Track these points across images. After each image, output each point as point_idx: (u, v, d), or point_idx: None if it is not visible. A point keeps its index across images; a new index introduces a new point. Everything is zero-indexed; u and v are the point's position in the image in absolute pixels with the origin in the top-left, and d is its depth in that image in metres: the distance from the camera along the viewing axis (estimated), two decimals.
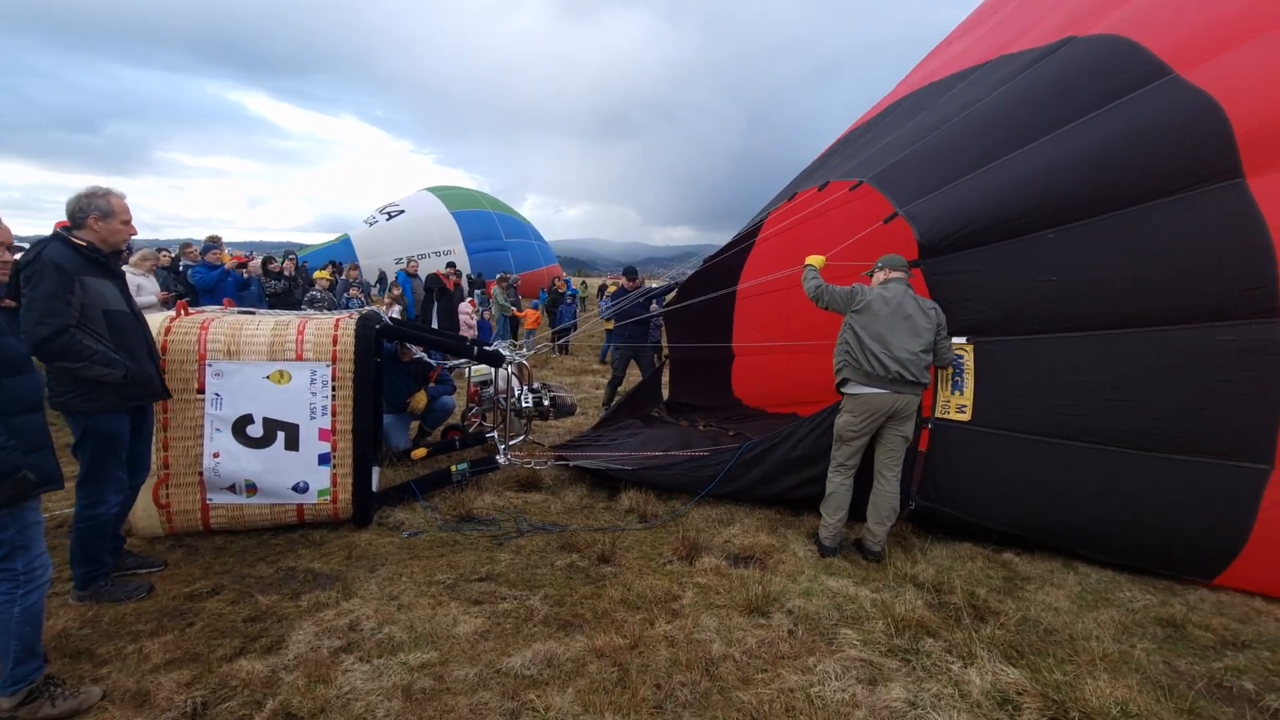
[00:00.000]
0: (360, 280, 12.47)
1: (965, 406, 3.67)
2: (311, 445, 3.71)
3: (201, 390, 3.55)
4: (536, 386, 5.55)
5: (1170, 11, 3.84)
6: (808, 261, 4.06)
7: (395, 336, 4.97)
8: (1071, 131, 3.65)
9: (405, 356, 5.39)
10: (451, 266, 12.73)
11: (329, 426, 3.74)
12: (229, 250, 8.73)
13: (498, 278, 13.34)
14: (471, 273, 18.04)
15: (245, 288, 7.13)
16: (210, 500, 3.61)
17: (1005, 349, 3.63)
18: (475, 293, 13.42)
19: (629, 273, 8.18)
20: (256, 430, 3.63)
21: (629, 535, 3.96)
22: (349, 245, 19.98)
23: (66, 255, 2.75)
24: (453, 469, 4.50)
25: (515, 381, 5.47)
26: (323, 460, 3.74)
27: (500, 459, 4.79)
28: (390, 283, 13.67)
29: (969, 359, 3.66)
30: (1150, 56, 3.61)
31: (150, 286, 5.83)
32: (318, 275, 9.31)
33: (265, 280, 8.35)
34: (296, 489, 3.72)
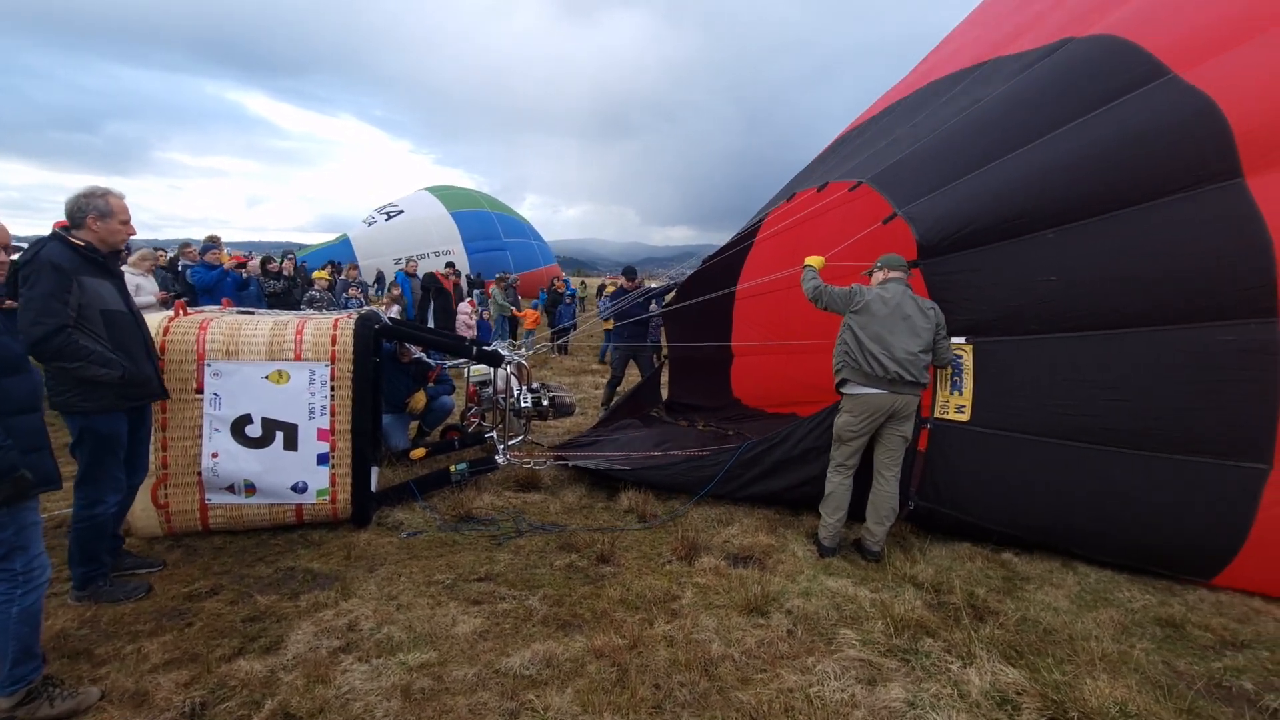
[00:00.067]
0: (359, 280, 12.46)
1: (964, 407, 3.67)
2: (310, 445, 3.71)
3: (200, 390, 3.54)
4: (535, 386, 5.55)
5: (1168, 12, 3.85)
6: (807, 262, 4.05)
7: (394, 336, 4.97)
8: (1070, 132, 3.65)
9: (404, 356, 5.39)
10: (451, 266, 12.73)
11: (328, 426, 3.74)
12: (228, 250, 8.73)
13: (496, 278, 13.34)
14: (471, 273, 18.03)
15: (244, 288, 7.13)
16: (209, 500, 3.61)
17: (1004, 349, 3.63)
18: (474, 293, 13.42)
19: (628, 273, 8.18)
20: (255, 430, 3.62)
21: (628, 535, 3.96)
22: (348, 245, 19.96)
23: (64, 255, 2.75)
24: (452, 469, 4.49)
25: (514, 381, 5.47)
26: (321, 460, 3.74)
27: (499, 459, 4.79)
28: (390, 283, 13.66)
29: (968, 359, 3.66)
30: (1148, 57, 3.62)
31: (149, 286, 5.82)
32: (317, 275, 9.31)
33: (264, 280, 8.35)
34: (295, 489, 3.72)
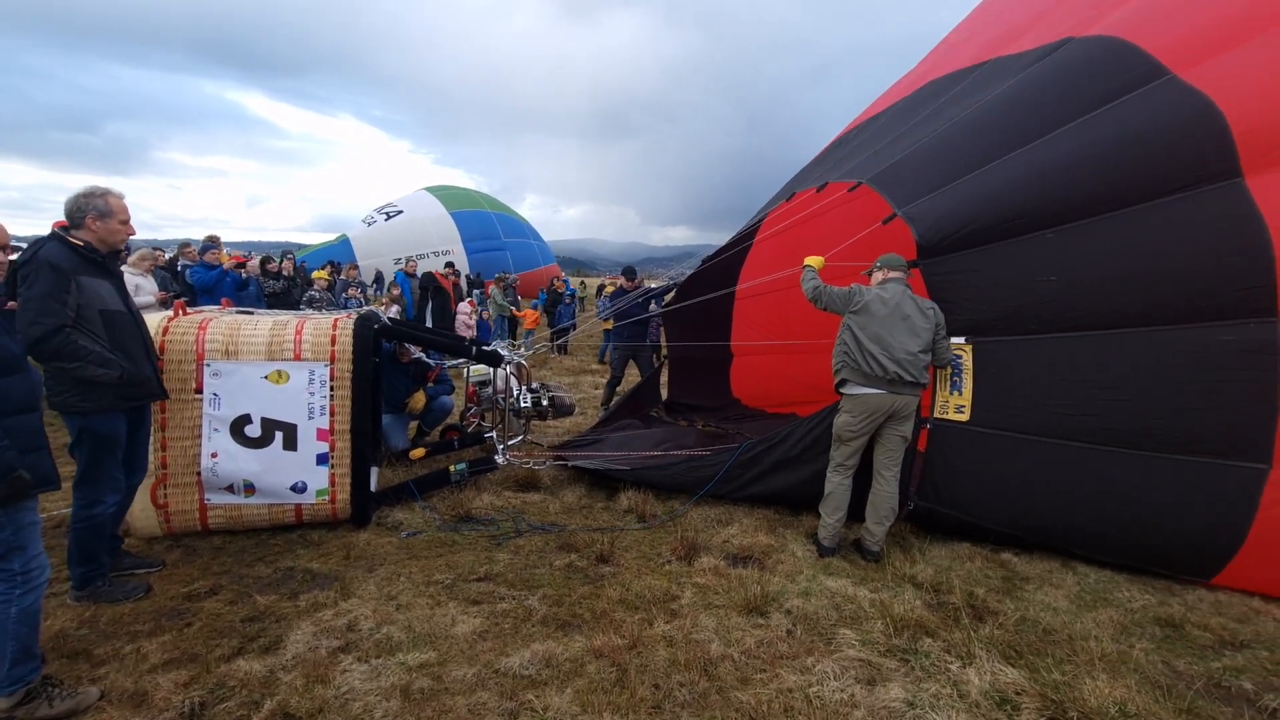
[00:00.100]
0: (358, 280, 12.46)
1: (964, 406, 3.67)
2: (310, 445, 3.71)
3: (199, 390, 3.54)
4: (535, 386, 5.55)
5: (1167, 12, 3.85)
6: (806, 262, 4.05)
7: (393, 336, 4.97)
8: (1070, 132, 3.66)
9: (404, 356, 5.39)
10: (450, 266, 12.72)
11: (327, 426, 3.74)
12: (227, 250, 8.72)
13: (496, 278, 13.33)
14: (470, 273, 18.02)
15: (243, 288, 7.12)
16: (208, 500, 3.61)
17: (1004, 349, 3.63)
18: (474, 293, 13.41)
19: (628, 273, 8.18)
20: (255, 430, 3.62)
21: (627, 535, 3.96)
22: (348, 246, 19.95)
23: (63, 255, 2.74)
24: (451, 469, 4.49)
25: (514, 381, 5.46)
26: (321, 460, 3.74)
27: (499, 459, 4.79)
28: (389, 283, 13.66)
29: (968, 359, 3.66)
30: (1148, 58, 3.62)
31: (148, 286, 5.81)
32: (316, 275, 9.31)
33: (264, 280, 8.34)
34: (295, 489, 3.72)
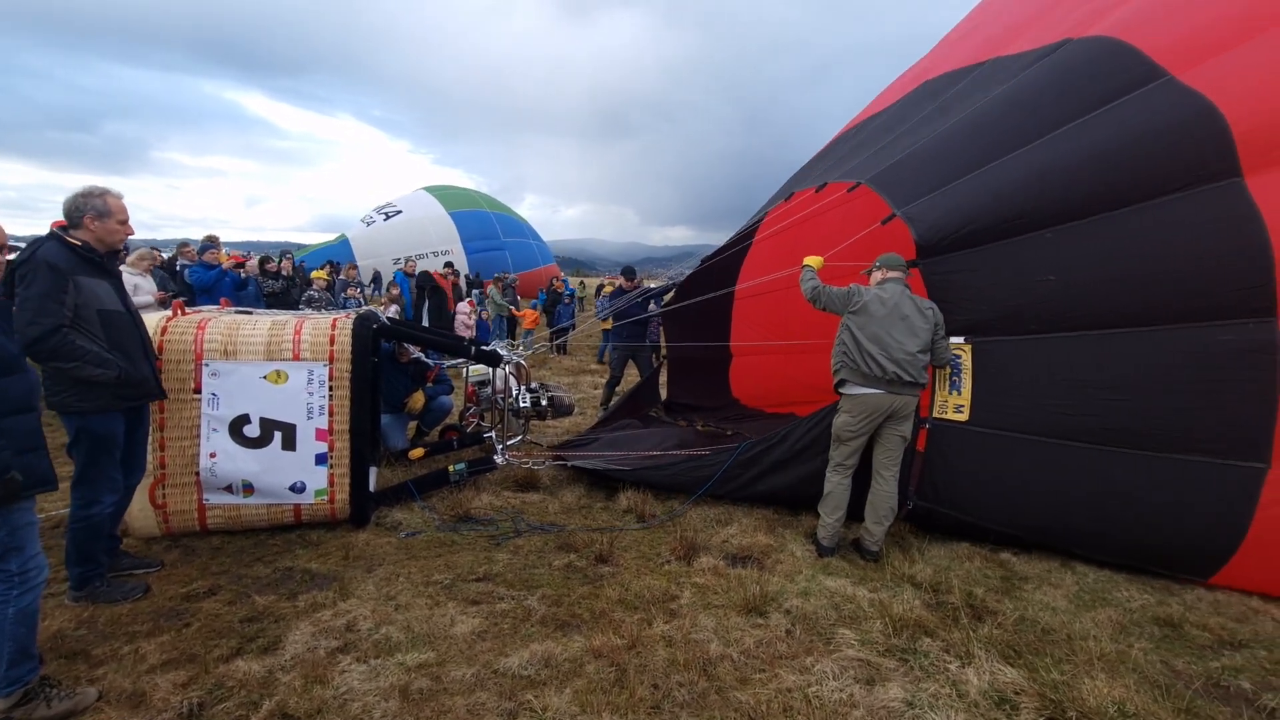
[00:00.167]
0: (356, 280, 12.45)
1: (963, 406, 3.67)
2: (309, 445, 3.70)
3: (198, 390, 3.53)
4: (534, 386, 5.55)
5: (1165, 13, 3.85)
6: (805, 262, 4.05)
7: (392, 336, 4.97)
8: (1068, 133, 3.66)
9: (403, 356, 5.38)
10: (449, 266, 12.72)
11: (326, 426, 3.73)
12: (226, 250, 8.71)
13: (494, 278, 13.33)
14: (469, 273, 18.02)
15: (242, 288, 7.11)
16: (207, 500, 3.60)
17: (1003, 349, 3.63)
18: (473, 293, 13.41)
19: (627, 273, 8.18)
20: (253, 430, 3.62)
21: (627, 535, 3.96)
22: (347, 246, 19.95)
23: (61, 255, 2.74)
24: (450, 469, 4.49)
25: (513, 381, 5.46)
26: (320, 460, 3.73)
27: (498, 459, 4.79)
28: (388, 283, 13.66)
29: (967, 359, 3.66)
30: (1145, 59, 3.62)
31: (147, 286, 5.81)
32: (315, 275, 9.31)
33: (263, 280, 8.33)
34: (294, 489, 3.71)
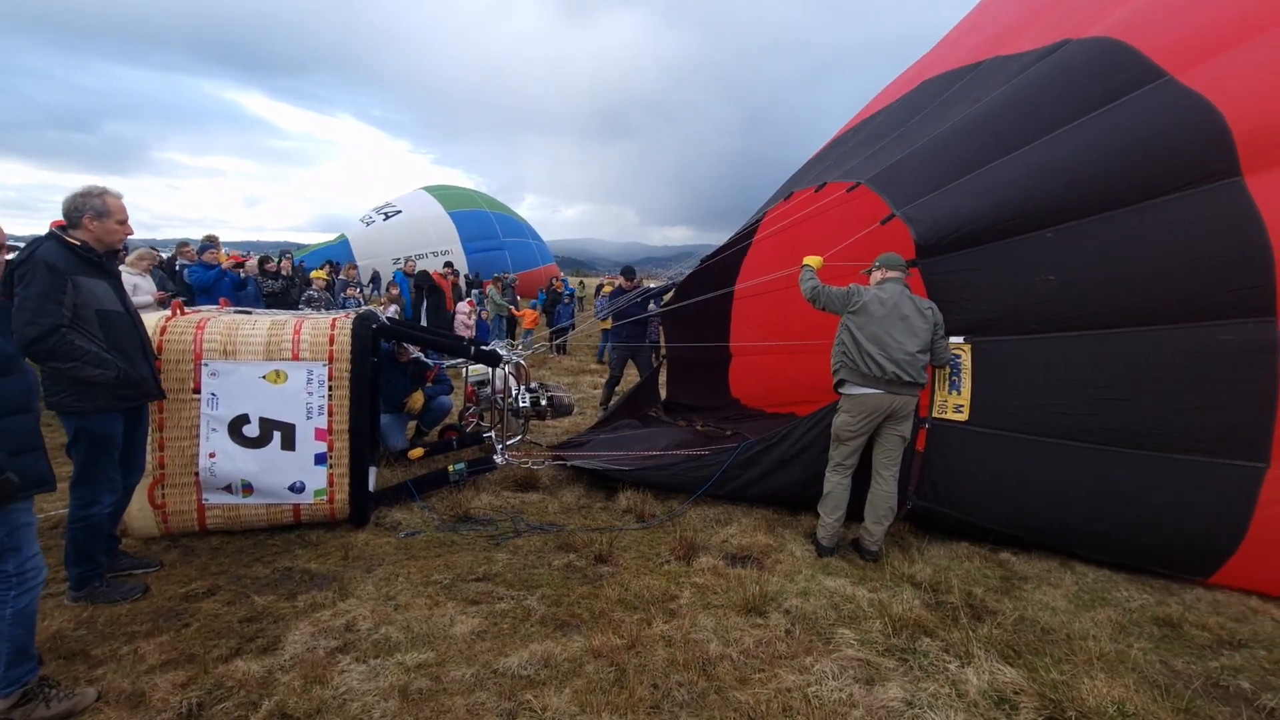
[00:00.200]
0: (356, 280, 12.45)
1: (963, 406, 3.67)
2: (308, 445, 3.70)
3: (197, 390, 3.53)
4: (534, 386, 5.54)
5: (1164, 14, 3.85)
6: (805, 262, 4.05)
7: (392, 336, 4.96)
8: (1068, 134, 3.66)
9: (402, 356, 5.38)
10: (449, 266, 12.72)
11: (325, 426, 3.73)
12: (226, 250, 8.71)
13: (494, 278, 13.33)
14: (469, 273, 18.01)
15: (242, 288, 7.11)
16: (206, 500, 3.60)
17: (1003, 349, 3.63)
18: (473, 293, 13.41)
19: (627, 273, 8.18)
20: (253, 430, 3.61)
21: (626, 535, 3.96)
22: (346, 246, 19.93)
23: (60, 255, 2.74)
24: (450, 469, 4.48)
25: (512, 381, 5.46)
26: (319, 460, 3.73)
27: (497, 459, 4.79)
28: (388, 283, 13.66)
29: (966, 359, 3.66)
30: (1145, 59, 3.63)
31: (146, 286, 5.80)
32: (314, 275, 9.30)
33: (262, 280, 8.32)
34: (293, 489, 3.71)
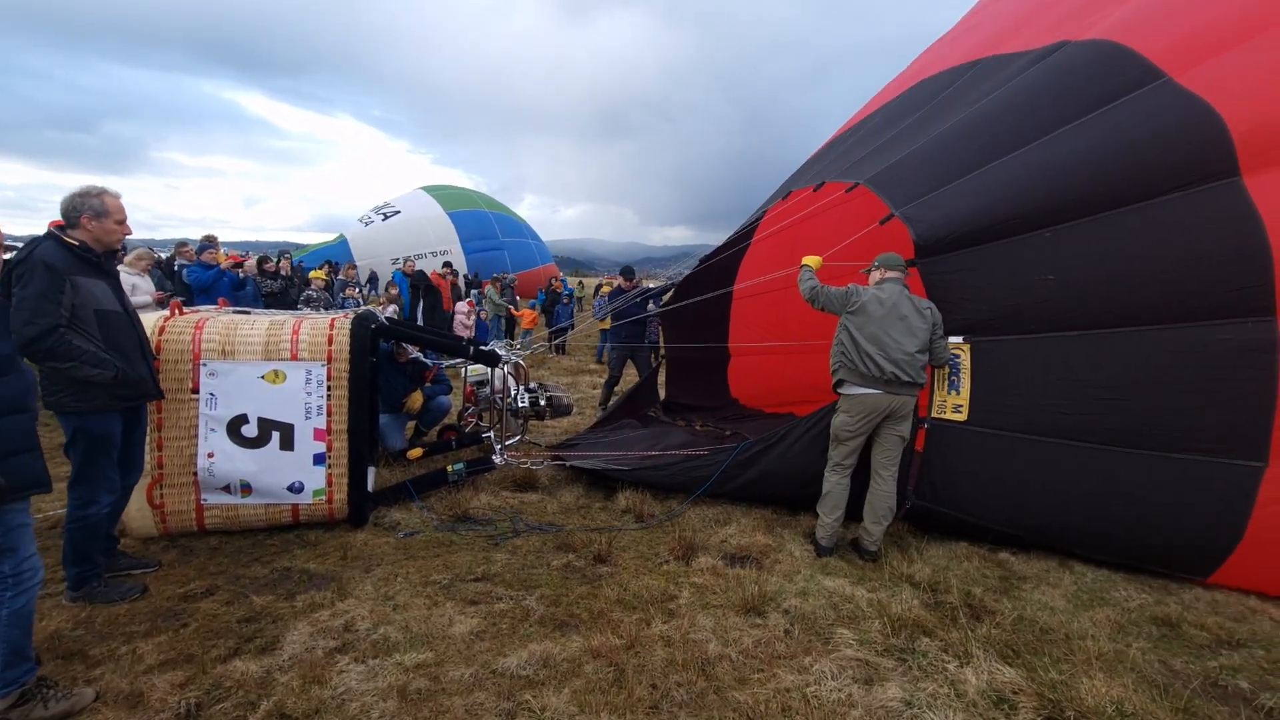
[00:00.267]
0: (355, 280, 12.44)
1: (962, 406, 3.67)
2: (307, 445, 3.70)
3: (196, 390, 3.53)
4: (533, 386, 5.54)
5: (1162, 16, 3.86)
6: (804, 262, 4.05)
7: (391, 336, 4.96)
8: (1067, 134, 3.66)
9: (401, 356, 5.38)
10: (448, 266, 12.71)
11: (324, 426, 3.73)
12: (225, 250, 8.70)
13: (493, 278, 13.32)
14: (468, 273, 18.00)
15: (241, 288, 7.11)
16: (205, 500, 3.60)
17: (1002, 348, 3.63)
18: (472, 293, 13.40)
19: (626, 273, 8.18)
20: (251, 430, 3.61)
21: (625, 535, 3.96)
22: (345, 246, 19.92)
23: (58, 254, 2.73)
24: (449, 469, 4.48)
25: (511, 381, 5.46)
26: (318, 460, 3.73)
27: (496, 459, 4.78)
28: (386, 282, 13.67)
29: (966, 358, 3.66)
30: (1143, 60, 3.63)
31: (145, 286, 5.80)
32: (313, 275, 9.30)
33: (261, 280, 8.32)
34: (291, 489, 3.71)
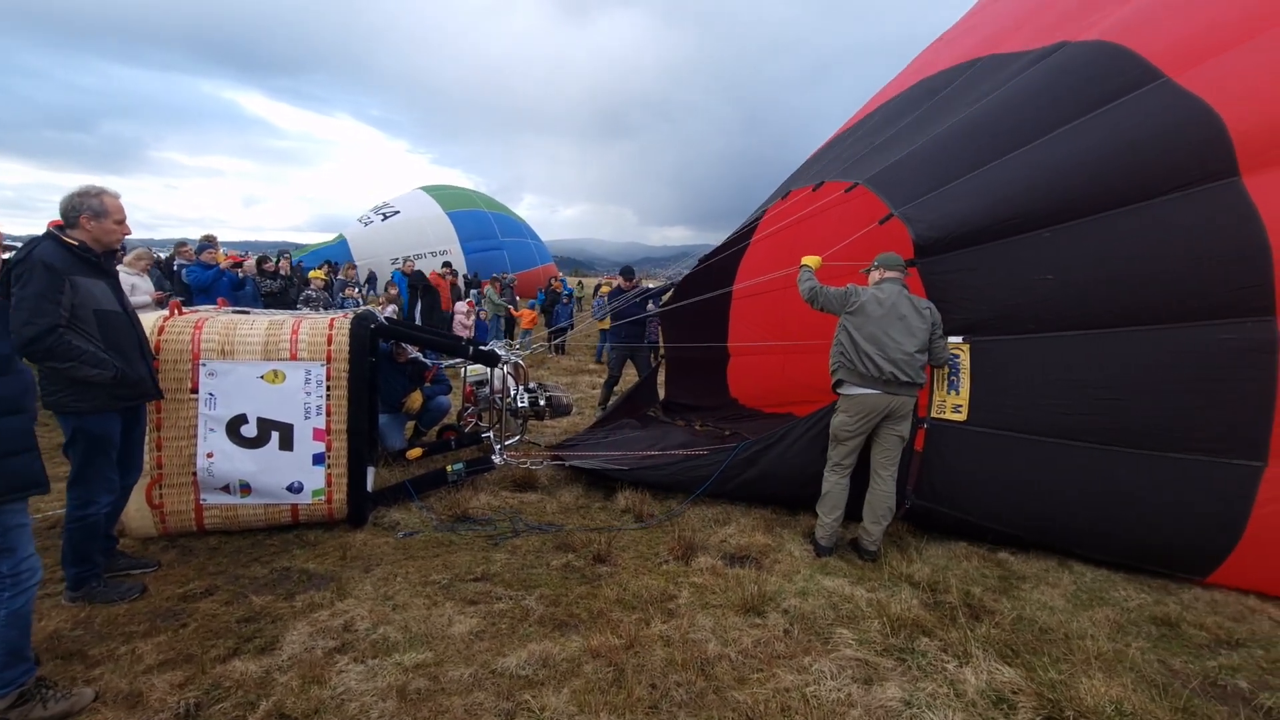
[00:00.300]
0: (355, 280, 12.44)
1: (961, 406, 3.67)
2: (306, 445, 3.70)
3: (195, 390, 3.53)
4: (532, 386, 5.54)
5: (1162, 17, 3.86)
6: (803, 262, 4.05)
7: (390, 336, 4.96)
8: (1066, 134, 3.67)
9: (401, 356, 5.37)
10: (447, 266, 12.71)
11: (324, 426, 3.73)
12: (224, 250, 8.70)
13: (493, 278, 13.32)
14: (468, 273, 18.00)
15: (240, 287, 7.11)
16: (204, 500, 3.60)
17: (1001, 348, 3.63)
18: (472, 293, 13.40)
19: (625, 273, 8.18)
20: (250, 430, 3.61)
21: (625, 535, 3.96)
22: (345, 246, 19.92)
23: (57, 254, 2.73)
24: (448, 469, 4.48)
25: (511, 381, 5.46)
26: (317, 460, 3.73)
27: (496, 459, 4.78)
28: (386, 282, 13.68)
29: (965, 358, 3.67)
30: (1142, 61, 3.64)
31: (145, 286, 5.80)
32: (312, 275, 9.29)
33: (261, 280, 8.32)
34: (291, 489, 3.70)
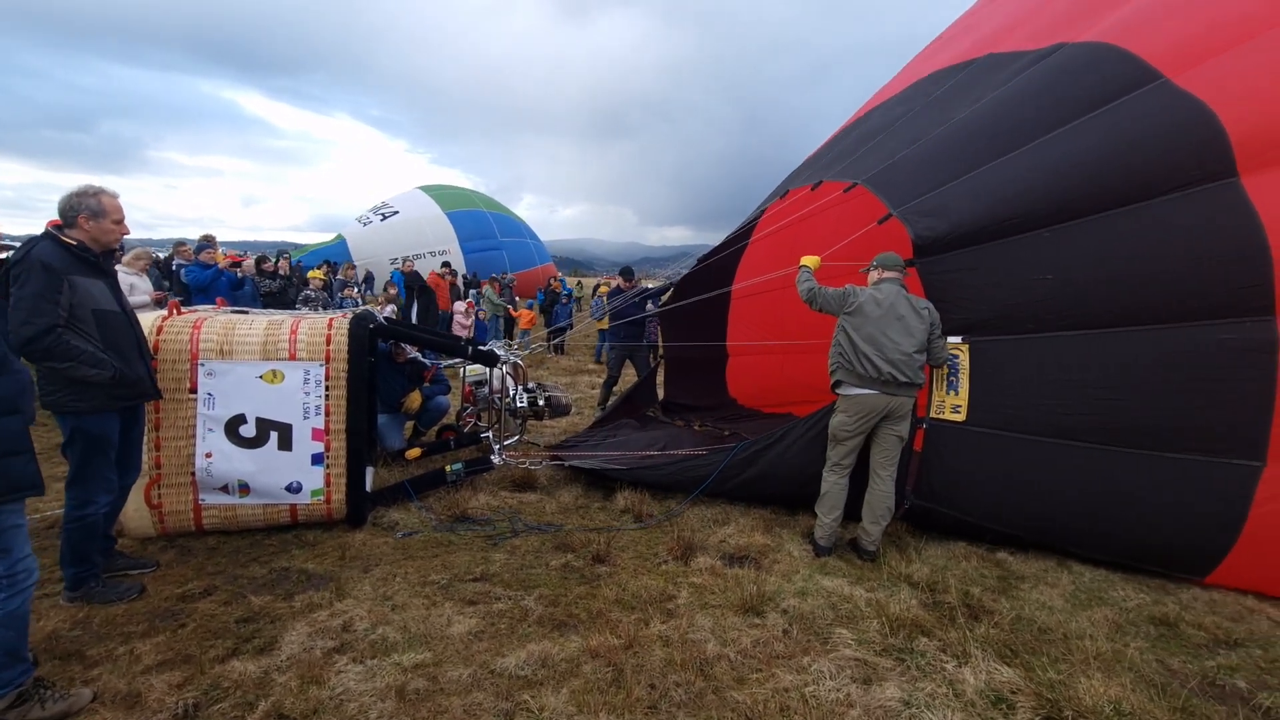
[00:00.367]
0: (354, 280, 12.43)
1: (960, 406, 3.67)
2: (305, 445, 3.69)
3: (194, 390, 3.52)
4: (531, 386, 5.54)
5: (1160, 17, 3.87)
6: (802, 262, 4.05)
7: (389, 336, 4.96)
8: (1064, 135, 3.67)
9: (400, 356, 5.37)
10: (447, 266, 12.71)
11: (323, 426, 3.72)
12: (223, 250, 8.69)
13: (492, 278, 13.32)
14: (467, 273, 18.00)
15: (239, 287, 7.10)
16: (203, 500, 3.59)
17: (1001, 348, 3.63)
18: (471, 293, 13.40)
19: (625, 273, 8.18)
20: (249, 430, 3.61)
21: (624, 535, 3.96)
22: (344, 246, 19.93)
23: (55, 254, 2.72)
24: (447, 469, 4.48)
25: (510, 381, 5.46)
26: (316, 460, 3.72)
27: (495, 459, 4.78)
28: (385, 283, 13.69)
29: (964, 358, 3.67)
30: (1140, 62, 3.64)
31: (143, 286, 5.79)
32: (311, 275, 9.29)
33: (259, 280, 8.31)
34: (290, 489, 3.70)
